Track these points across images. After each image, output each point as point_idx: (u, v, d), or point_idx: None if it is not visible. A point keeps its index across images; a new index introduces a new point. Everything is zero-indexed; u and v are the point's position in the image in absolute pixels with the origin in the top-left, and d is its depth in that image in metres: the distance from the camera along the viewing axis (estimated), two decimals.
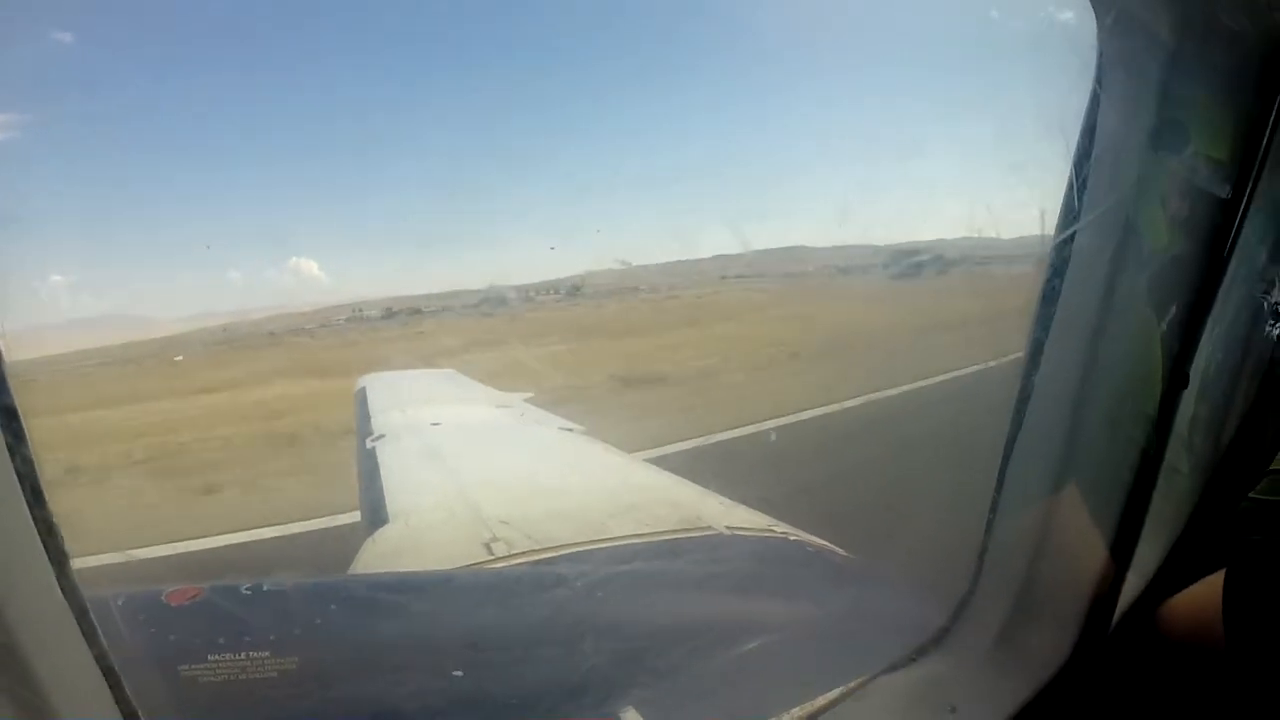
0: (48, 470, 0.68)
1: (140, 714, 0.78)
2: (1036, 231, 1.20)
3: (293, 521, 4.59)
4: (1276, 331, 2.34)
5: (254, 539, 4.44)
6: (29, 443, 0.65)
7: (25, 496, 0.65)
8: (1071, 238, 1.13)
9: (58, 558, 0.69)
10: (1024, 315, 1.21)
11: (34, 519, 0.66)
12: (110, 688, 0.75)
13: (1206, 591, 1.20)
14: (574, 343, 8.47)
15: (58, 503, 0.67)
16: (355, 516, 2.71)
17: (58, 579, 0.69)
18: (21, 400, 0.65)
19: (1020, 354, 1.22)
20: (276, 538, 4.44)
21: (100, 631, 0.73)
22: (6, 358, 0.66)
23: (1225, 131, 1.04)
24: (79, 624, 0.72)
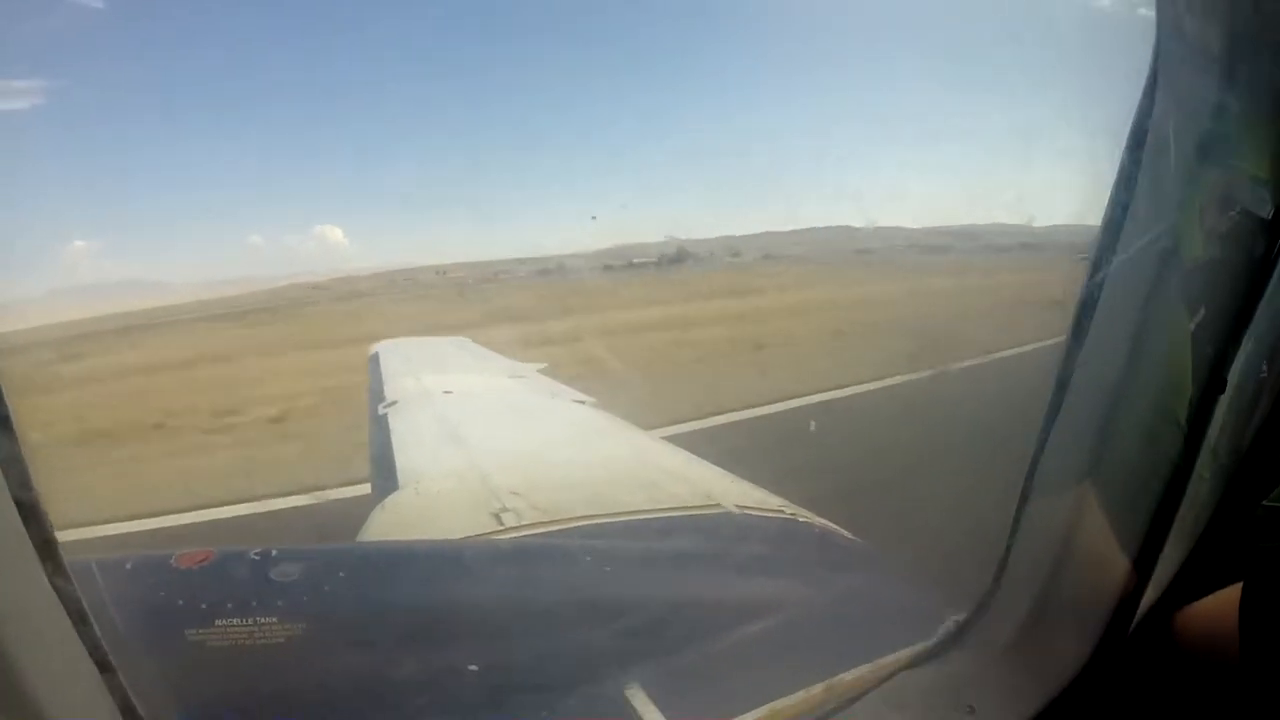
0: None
1: (136, 706, 0.77)
2: (1081, 224, 1.19)
3: None
4: None
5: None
6: (13, 427, 0.64)
7: (10, 484, 0.65)
8: (1115, 239, 1.11)
9: (46, 543, 0.68)
10: (1061, 307, 1.20)
11: (17, 503, 0.65)
12: (104, 678, 0.75)
13: (1224, 600, 1.19)
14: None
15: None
16: None
17: (43, 564, 0.68)
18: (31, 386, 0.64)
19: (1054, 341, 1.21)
20: None
21: (94, 622, 0.73)
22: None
23: (1273, 143, 1.03)
24: (70, 612, 0.71)
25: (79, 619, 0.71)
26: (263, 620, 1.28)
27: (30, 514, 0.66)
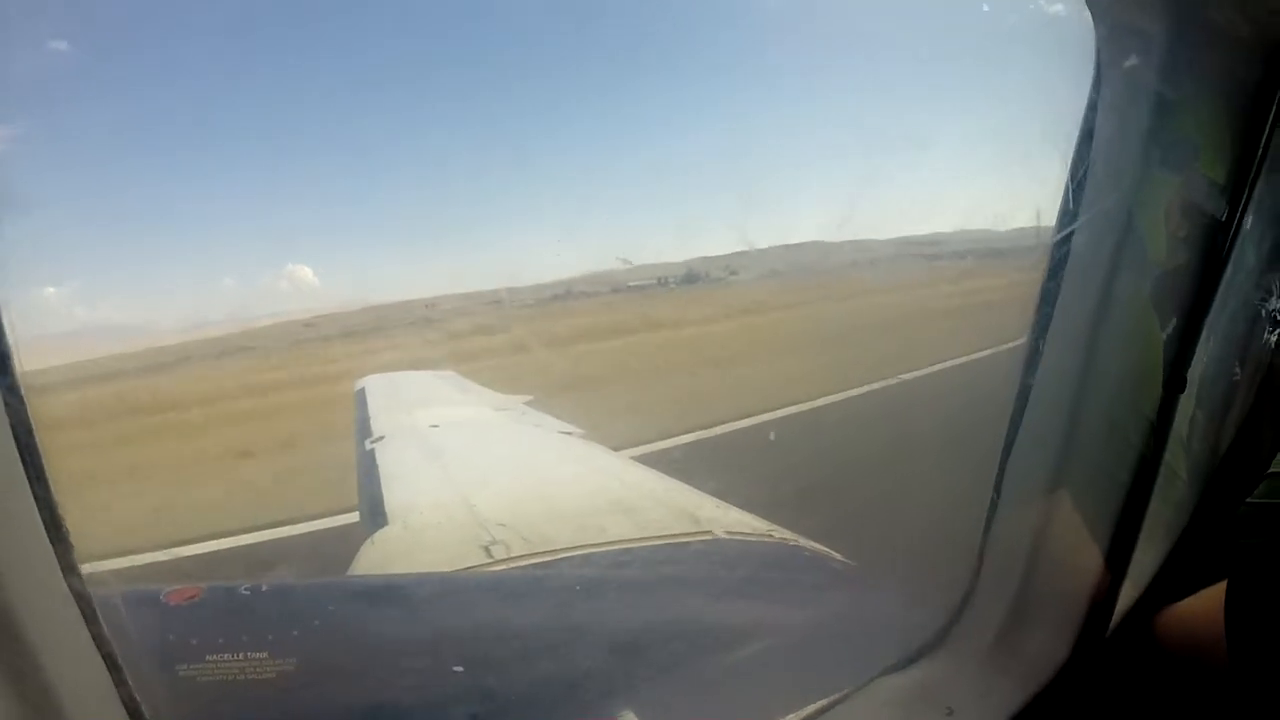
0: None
1: (145, 714, 0.78)
2: (1034, 227, 1.21)
3: None
4: (1274, 337, 2.35)
5: None
6: (33, 430, 0.66)
7: (33, 492, 0.66)
8: (1069, 239, 1.14)
9: (65, 557, 0.69)
10: (1023, 310, 1.22)
11: (41, 517, 0.67)
12: (117, 687, 0.75)
13: (1206, 600, 1.20)
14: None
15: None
16: None
17: (65, 577, 0.69)
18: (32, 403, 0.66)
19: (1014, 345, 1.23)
20: None
21: (107, 630, 0.73)
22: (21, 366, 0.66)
23: (1223, 136, 1.05)
24: (87, 623, 0.72)
25: (91, 619, 0.72)
26: (254, 655, 1.28)
27: (48, 514, 0.67)
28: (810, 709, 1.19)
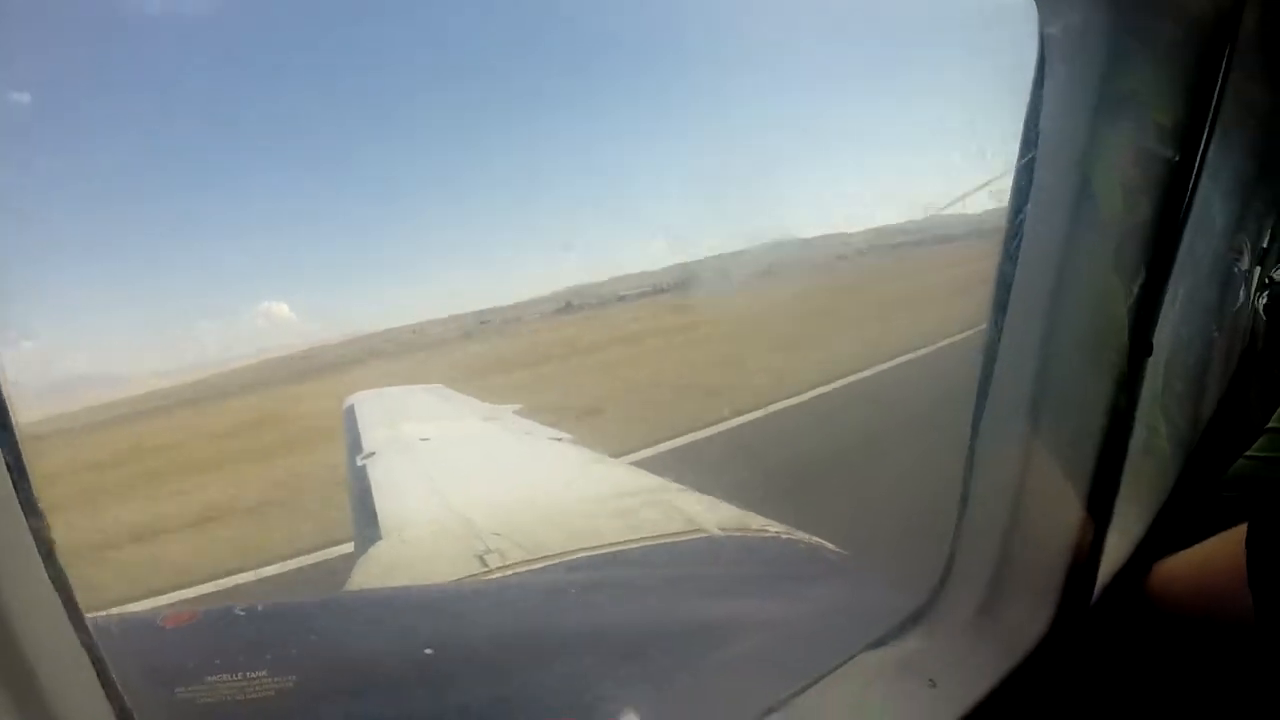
0: None
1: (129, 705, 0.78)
2: (991, 206, 1.21)
3: None
4: (1252, 299, 2.37)
5: None
6: (14, 431, 0.66)
7: (25, 514, 0.66)
8: (1023, 211, 1.14)
9: (62, 586, 0.69)
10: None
11: (35, 539, 0.67)
12: (115, 713, 0.76)
13: (1198, 556, 1.22)
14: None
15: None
16: None
17: (63, 606, 0.69)
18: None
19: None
20: None
21: (105, 656, 0.74)
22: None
23: (1174, 97, 1.06)
24: (84, 649, 0.72)
25: (89, 645, 0.72)
26: (252, 675, 1.28)
27: (32, 515, 0.67)
28: (796, 685, 1.20)
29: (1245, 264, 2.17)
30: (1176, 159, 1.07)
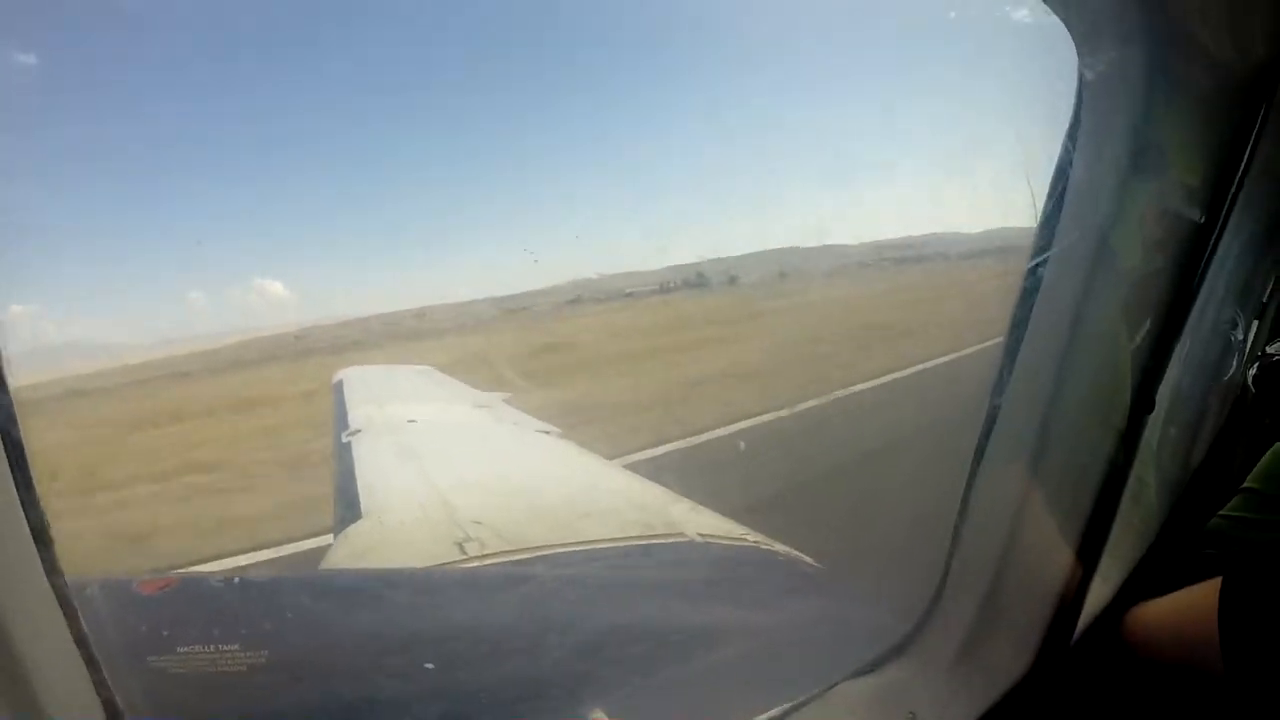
0: None
1: (120, 706, 0.78)
2: (1018, 239, 1.22)
3: None
4: (1243, 365, 2.41)
5: None
6: (16, 422, 0.66)
7: (18, 493, 0.66)
8: (1046, 252, 1.15)
9: (46, 549, 0.70)
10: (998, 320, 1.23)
11: (25, 511, 0.67)
12: (90, 675, 0.76)
13: (1174, 604, 1.24)
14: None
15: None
16: None
17: (45, 570, 0.70)
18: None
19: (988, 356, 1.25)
20: None
21: (80, 617, 0.74)
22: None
23: (1203, 156, 1.06)
24: (61, 610, 0.72)
25: (65, 605, 0.72)
26: (225, 648, 1.27)
27: (29, 507, 0.67)
28: (775, 711, 1.20)
29: (1240, 332, 2.20)
30: (1203, 214, 1.07)
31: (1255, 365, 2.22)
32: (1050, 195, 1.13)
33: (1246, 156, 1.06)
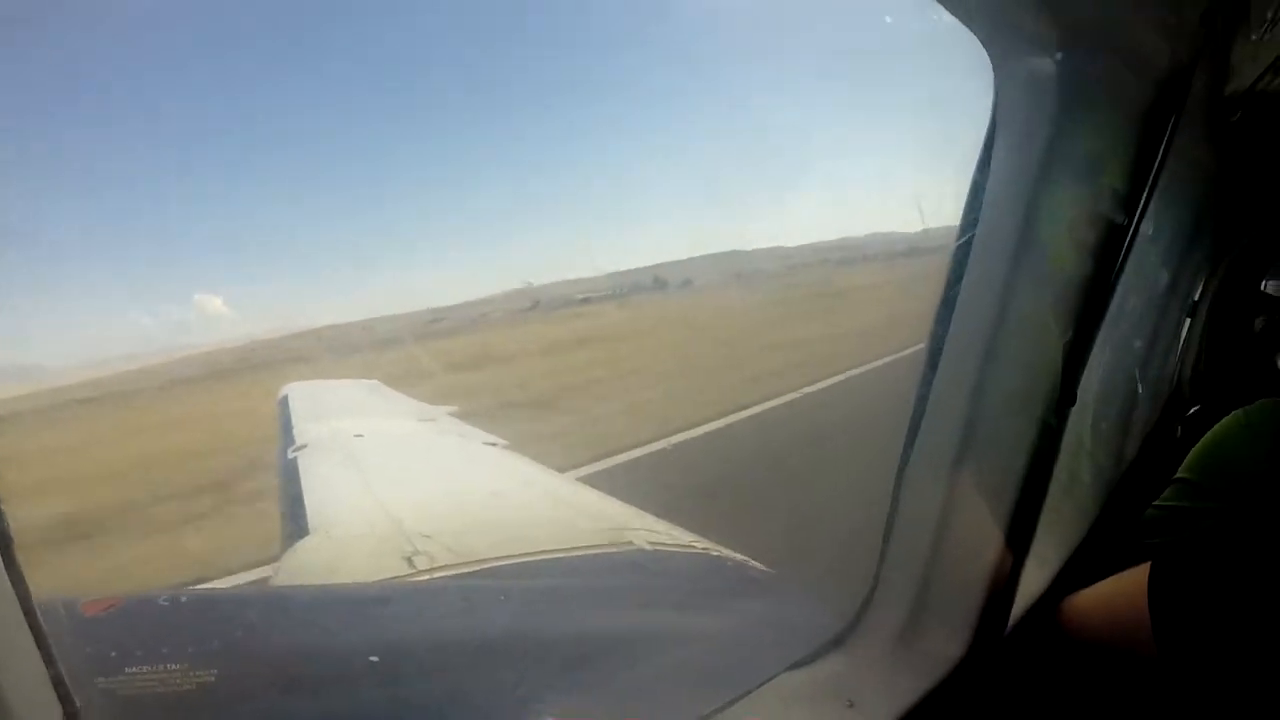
0: None
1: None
2: (941, 238, 1.26)
3: None
4: (1177, 362, 2.52)
5: None
6: None
7: None
8: (969, 247, 1.20)
9: (9, 561, 0.70)
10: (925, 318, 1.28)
11: None
12: (60, 699, 0.76)
13: (1107, 590, 1.31)
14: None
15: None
16: None
17: (12, 583, 0.70)
18: None
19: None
20: None
21: (49, 638, 0.74)
22: None
23: (1118, 161, 1.12)
24: (22, 605, 0.72)
25: (29, 614, 0.72)
26: (173, 667, 1.26)
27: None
28: (716, 705, 1.23)
29: (1174, 320, 2.30)
30: (1119, 215, 1.14)
31: (1188, 361, 2.32)
32: (973, 196, 1.19)
33: (1158, 161, 1.13)
